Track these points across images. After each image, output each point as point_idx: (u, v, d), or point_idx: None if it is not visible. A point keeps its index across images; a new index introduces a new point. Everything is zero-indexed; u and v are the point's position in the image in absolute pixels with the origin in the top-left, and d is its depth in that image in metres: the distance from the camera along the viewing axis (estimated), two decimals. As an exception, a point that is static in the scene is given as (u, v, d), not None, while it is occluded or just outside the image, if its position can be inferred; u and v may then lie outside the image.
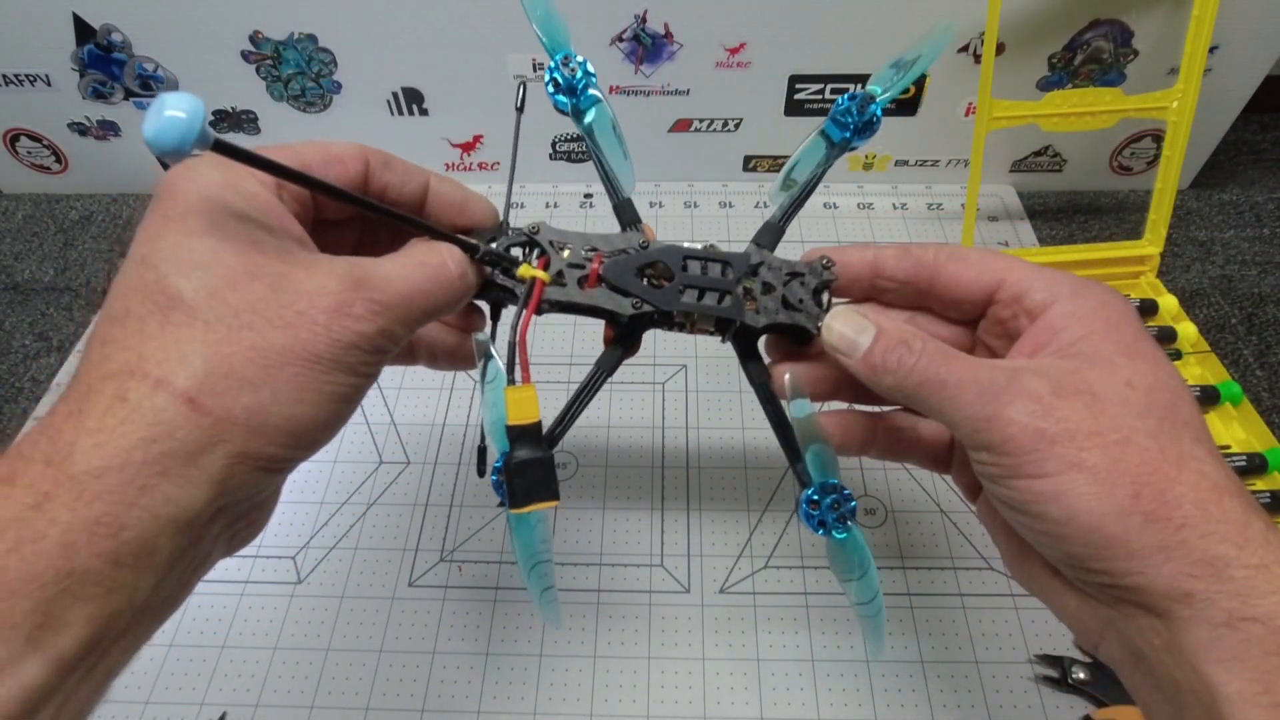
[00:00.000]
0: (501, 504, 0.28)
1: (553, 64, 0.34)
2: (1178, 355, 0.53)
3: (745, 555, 0.45)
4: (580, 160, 0.68)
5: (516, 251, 0.31)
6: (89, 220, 0.69)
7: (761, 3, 0.57)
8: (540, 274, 0.30)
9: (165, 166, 0.21)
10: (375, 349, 0.24)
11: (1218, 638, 0.22)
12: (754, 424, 0.51)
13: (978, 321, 0.30)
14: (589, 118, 0.35)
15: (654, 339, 0.56)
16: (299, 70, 0.62)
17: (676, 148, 0.66)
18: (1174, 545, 0.22)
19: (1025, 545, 0.26)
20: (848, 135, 0.34)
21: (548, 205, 0.67)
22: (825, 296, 0.31)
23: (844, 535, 0.29)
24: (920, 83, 0.61)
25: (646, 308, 0.31)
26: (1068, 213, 0.67)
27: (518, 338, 0.28)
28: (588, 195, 0.68)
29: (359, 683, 0.41)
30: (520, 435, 0.27)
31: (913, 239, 0.64)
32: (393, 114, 0.64)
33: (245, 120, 0.65)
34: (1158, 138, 0.64)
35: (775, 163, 0.68)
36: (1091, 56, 0.59)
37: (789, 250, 0.32)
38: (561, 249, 0.31)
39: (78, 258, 0.66)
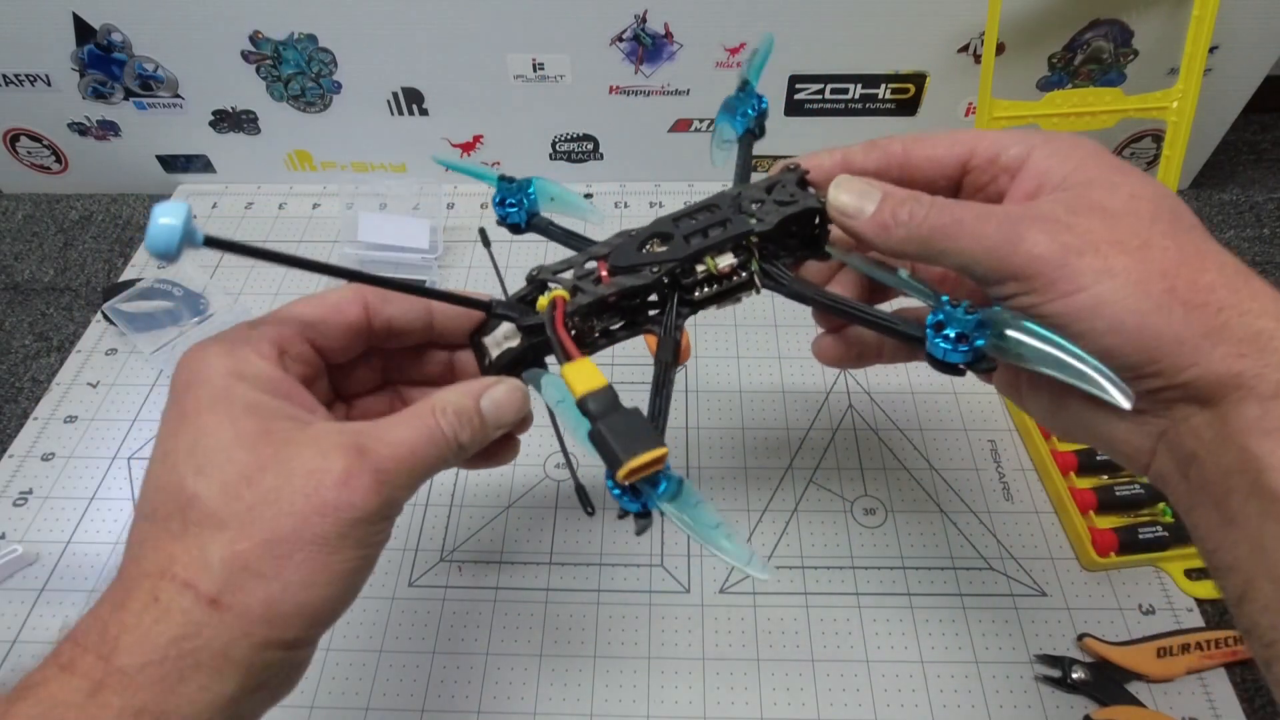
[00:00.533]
0: (626, 513, 0.27)
1: (496, 197, 0.35)
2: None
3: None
4: (581, 160, 0.68)
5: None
6: (89, 220, 0.69)
7: (761, 3, 0.57)
8: (557, 291, 0.29)
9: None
10: (381, 518, 0.25)
11: (1266, 410, 0.22)
12: (754, 424, 0.51)
13: (955, 195, 0.30)
14: (530, 210, 0.35)
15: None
16: (299, 70, 0.62)
17: (676, 148, 0.66)
18: (1218, 328, 0.23)
19: (1061, 391, 0.26)
20: (745, 123, 0.40)
21: (548, 205, 0.67)
22: (809, 187, 0.31)
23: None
24: (920, 83, 0.61)
25: (666, 266, 0.30)
26: (1068, 213, 0.67)
27: (557, 333, 0.28)
28: (588, 195, 0.68)
29: (359, 682, 0.41)
30: (595, 402, 0.25)
31: (913, 239, 0.64)
32: (393, 114, 0.64)
33: (245, 120, 0.66)
34: (1158, 138, 0.64)
35: (775, 162, 0.68)
36: (1091, 56, 0.59)
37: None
38: (565, 273, 0.31)
39: (78, 258, 0.66)
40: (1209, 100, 0.57)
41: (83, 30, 0.59)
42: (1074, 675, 0.39)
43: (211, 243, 0.22)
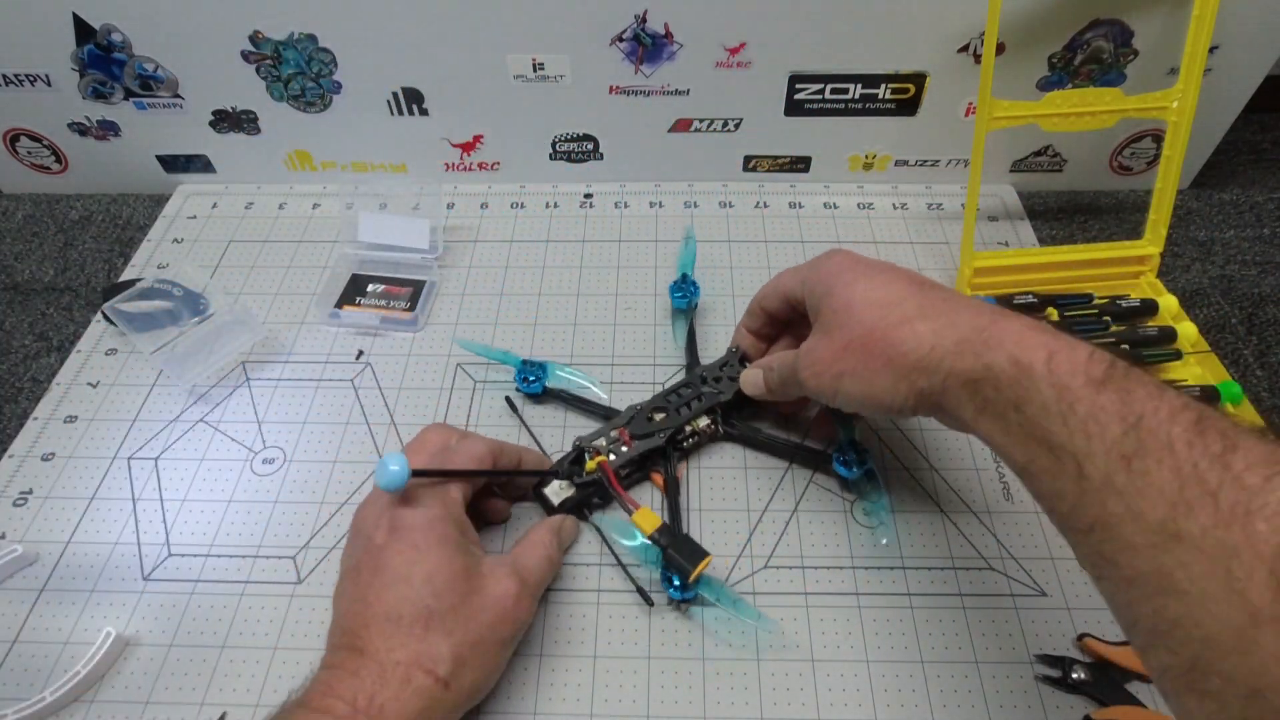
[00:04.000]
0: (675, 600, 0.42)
1: (518, 375, 0.52)
2: (1177, 355, 0.53)
3: (745, 555, 0.45)
4: (580, 160, 0.68)
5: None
6: (89, 220, 0.69)
7: (762, 3, 0.57)
8: (600, 458, 0.45)
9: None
10: (529, 620, 0.39)
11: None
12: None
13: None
14: (545, 384, 0.52)
15: (655, 337, 0.56)
16: (299, 70, 0.62)
17: (676, 148, 0.66)
18: (917, 395, 0.35)
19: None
20: (684, 303, 0.56)
21: (548, 205, 0.67)
22: (747, 363, 0.49)
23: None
24: (920, 83, 0.61)
25: (668, 432, 0.47)
26: (1068, 212, 0.67)
27: (616, 490, 0.43)
28: (588, 195, 0.68)
29: (359, 683, 0.41)
30: (661, 535, 0.41)
31: (913, 239, 0.64)
32: (393, 114, 0.64)
33: (245, 120, 0.66)
34: (1158, 137, 0.64)
35: (775, 162, 0.68)
36: (1091, 56, 0.59)
37: (791, 246, 0.32)
38: (598, 440, 0.46)
39: (78, 258, 0.66)
40: (1209, 100, 0.57)
41: (83, 30, 0.59)
42: (1074, 675, 0.39)
43: (417, 473, 0.37)
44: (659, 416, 0.47)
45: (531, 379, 0.51)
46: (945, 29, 0.58)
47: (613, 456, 0.45)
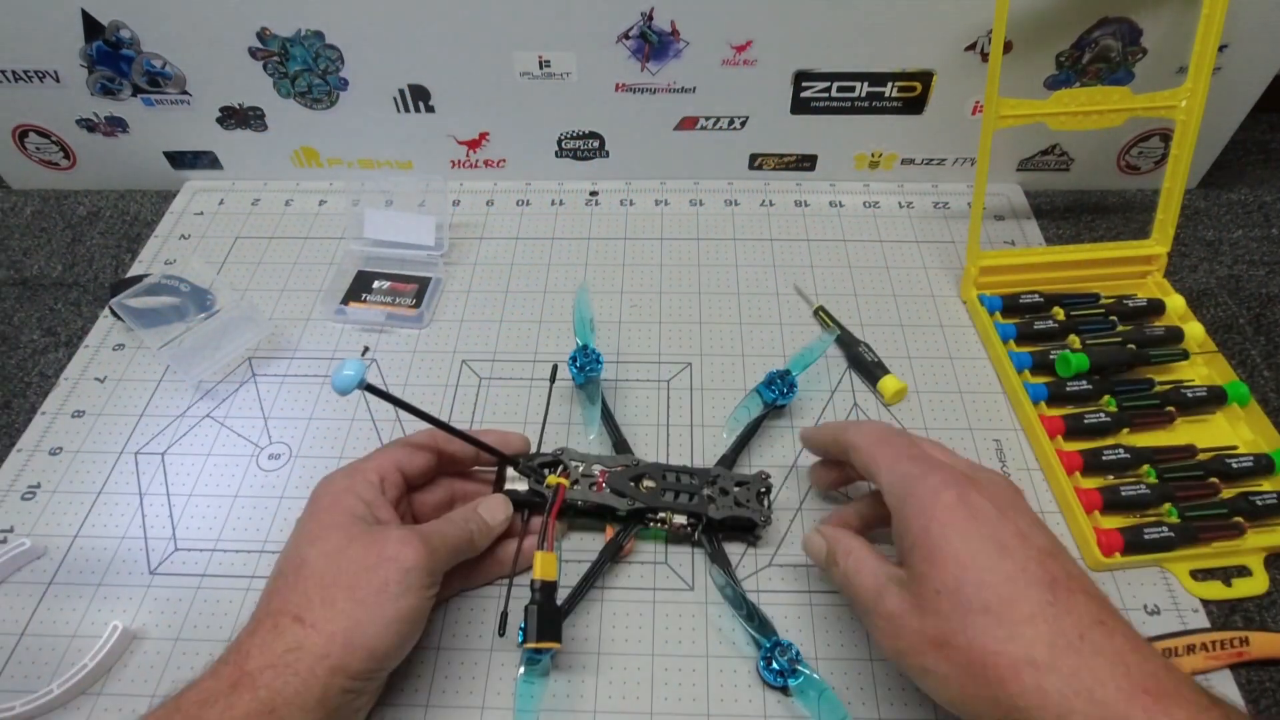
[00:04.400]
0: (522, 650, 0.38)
1: (576, 350, 0.50)
2: (1184, 355, 0.53)
3: (749, 554, 0.45)
4: (587, 158, 0.68)
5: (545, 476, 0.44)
6: (97, 216, 0.69)
7: (768, 1, 0.57)
8: (561, 480, 0.43)
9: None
10: (426, 573, 0.36)
11: None
12: (758, 422, 0.51)
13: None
14: (589, 383, 0.51)
15: (659, 334, 0.56)
16: (306, 67, 0.62)
17: (682, 145, 0.66)
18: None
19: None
20: (774, 397, 0.50)
21: (553, 203, 0.67)
22: (766, 500, 0.45)
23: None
24: (927, 81, 0.61)
25: (638, 504, 0.43)
26: (1075, 212, 0.67)
27: (549, 518, 0.41)
28: (593, 193, 0.68)
29: (363, 678, 0.41)
30: (541, 589, 0.38)
31: (919, 238, 0.64)
32: (399, 111, 0.65)
33: (252, 117, 0.66)
34: (1166, 137, 0.64)
35: (781, 160, 0.68)
36: (1100, 55, 0.59)
37: (796, 245, 0.32)
38: (579, 464, 0.45)
39: (85, 253, 0.66)
40: (1218, 99, 0.57)
41: (91, 27, 0.59)
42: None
43: (369, 389, 0.37)
44: (647, 484, 0.44)
45: (584, 366, 0.50)
46: (952, 27, 0.58)
47: (576, 487, 0.44)
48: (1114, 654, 0.27)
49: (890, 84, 0.62)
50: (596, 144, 0.67)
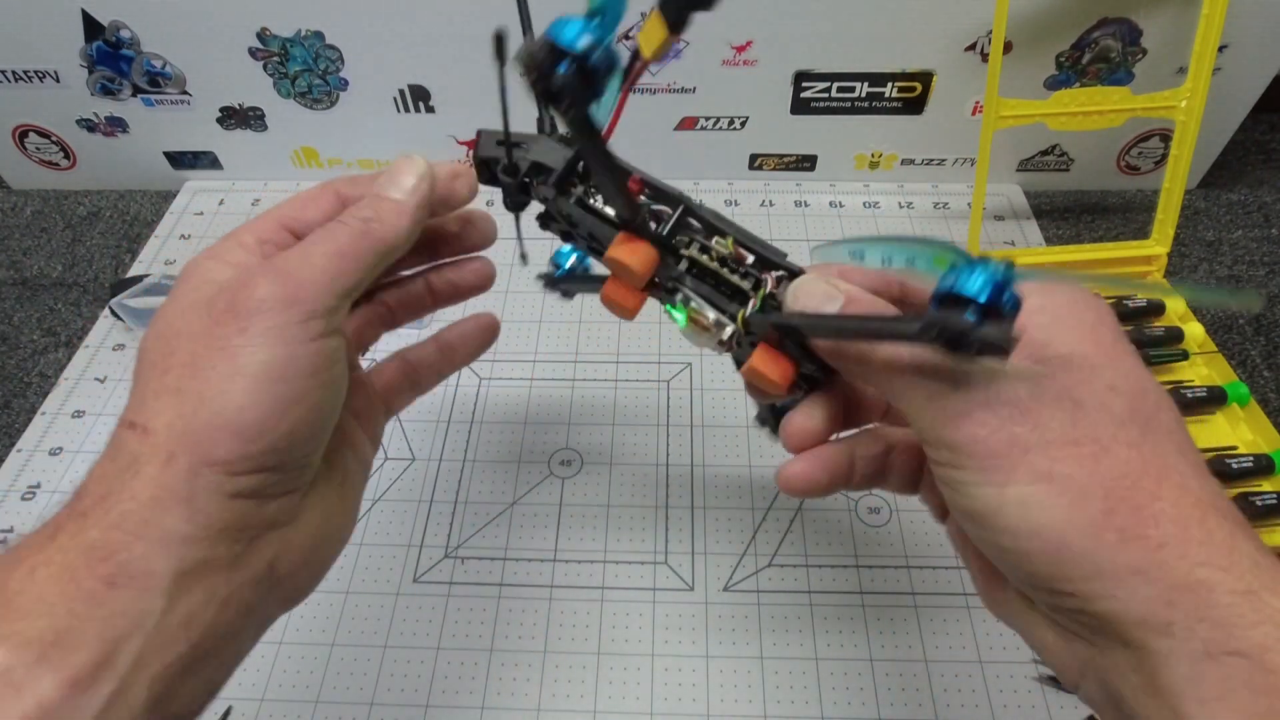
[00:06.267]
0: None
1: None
2: (1184, 356, 0.53)
3: (749, 554, 0.45)
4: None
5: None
6: (97, 216, 0.69)
7: (768, 1, 0.57)
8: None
9: None
10: (293, 304, 0.24)
11: (1199, 674, 0.19)
12: (758, 422, 0.51)
13: None
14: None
15: (660, 334, 0.56)
16: (306, 67, 0.62)
17: (682, 145, 0.66)
18: (1151, 567, 0.20)
19: (998, 572, 0.25)
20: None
21: (553, 203, 0.67)
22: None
23: None
24: (927, 82, 0.61)
25: (677, 221, 0.28)
26: (1075, 212, 0.67)
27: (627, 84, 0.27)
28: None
29: (364, 678, 0.41)
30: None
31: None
32: (399, 111, 0.65)
33: (252, 117, 0.66)
34: (1165, 137, 0.64)
35: (781, 161, 0.68)
36: (1100, 55, 0.59)
37: (796, 245, 0.32)
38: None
39: (85, 253, 0.66)
40: (1218, 99, 0.57)
41: (91, 27, 0.59)
42: (1078, 676, 0.39)
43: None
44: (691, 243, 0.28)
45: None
46: (952, 27, 0.58)
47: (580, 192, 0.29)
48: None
49: (890, 84, 0.62)
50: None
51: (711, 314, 0.27)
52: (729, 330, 0.27)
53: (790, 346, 0.26)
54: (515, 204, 0.32)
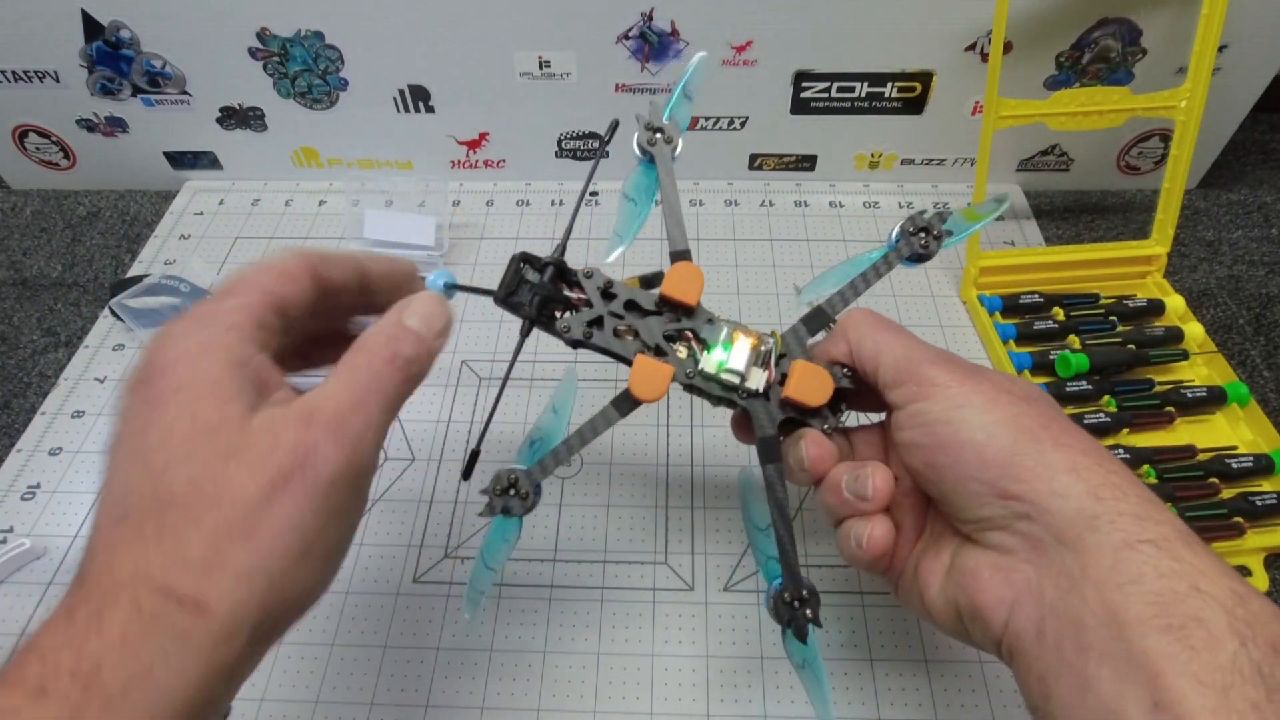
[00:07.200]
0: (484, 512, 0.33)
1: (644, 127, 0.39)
2: (1184, 356, 0.53)
3: (749, 553, 0.45)
4: (586, 158, 0.68)
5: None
6: (96, 216, 0.69)
7: (768, 1, 0.57)
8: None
9: None
10: (352, 475, 0.24)
11: (1119, 560, 0.23)
12: (758, 422, 0.51)
13: None
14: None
15: (659, 337, 0.56)
16: (306, 67, 0.62)
17: (682, 145, 0.66)
18: (1079, 468, 0.25)
19: (931, 542, 0.31)
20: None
21: (553, 203, 0.67)
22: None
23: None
24: (927, 82, 0.61)
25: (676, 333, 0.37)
26: (1074, 212, 0.67)
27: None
28: (593, 193, 0.68)
29: (363, 678, 0.41)
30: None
31: (918, 238, 0.64)
32: (399, 111, 0.65)
33: (252, 117, 0.66)
34: (1165, 137, 0.64)
35: (781, 160, 0.68)
36: (1099, 55, 0.59)
37: (796, 245, 0.33)
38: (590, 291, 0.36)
39: (85, 254, 0.66)
40: (1217, 99, 0.57)
41: (91, 27, 0.59)
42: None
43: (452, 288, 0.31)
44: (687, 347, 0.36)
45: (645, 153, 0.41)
46: (952, 27, 0.58)
47: (594, 329, 0.35)
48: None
49: (890, 84, 0.62)
50: (597, 144, 0.67)
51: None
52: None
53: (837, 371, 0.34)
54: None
